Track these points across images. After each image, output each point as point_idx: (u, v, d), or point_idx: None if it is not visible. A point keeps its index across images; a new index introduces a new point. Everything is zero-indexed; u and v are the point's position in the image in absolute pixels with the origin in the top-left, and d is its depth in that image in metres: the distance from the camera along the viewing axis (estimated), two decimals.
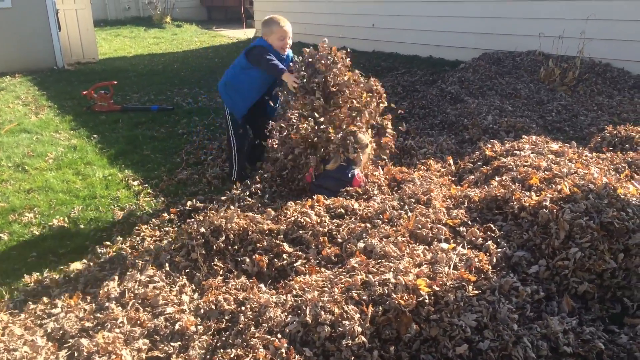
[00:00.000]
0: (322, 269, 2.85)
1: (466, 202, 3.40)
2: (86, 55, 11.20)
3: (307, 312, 2.32)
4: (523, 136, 4.68)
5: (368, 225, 3.19)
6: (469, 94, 6.69)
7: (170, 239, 3.47)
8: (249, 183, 4.08)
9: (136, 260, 3.09)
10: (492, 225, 3.07)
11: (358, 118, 3.88)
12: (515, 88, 6.75)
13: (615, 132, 4.63)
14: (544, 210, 2.96)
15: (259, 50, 4.17)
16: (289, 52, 4.38)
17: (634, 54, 6.86)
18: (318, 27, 12.20)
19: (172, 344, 2.38)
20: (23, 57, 9.91)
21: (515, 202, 3.15)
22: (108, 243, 3.58)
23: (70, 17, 10.79)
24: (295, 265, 2.95)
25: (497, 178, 3.66)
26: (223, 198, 3.96)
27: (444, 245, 2.83)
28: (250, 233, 3.18)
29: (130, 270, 2.98)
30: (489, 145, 4.48)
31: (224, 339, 2.38)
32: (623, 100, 6.25)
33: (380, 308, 2.33)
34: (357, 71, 4.00)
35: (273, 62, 4.04)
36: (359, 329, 2.23)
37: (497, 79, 7.09)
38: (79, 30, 11.03)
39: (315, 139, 3.79)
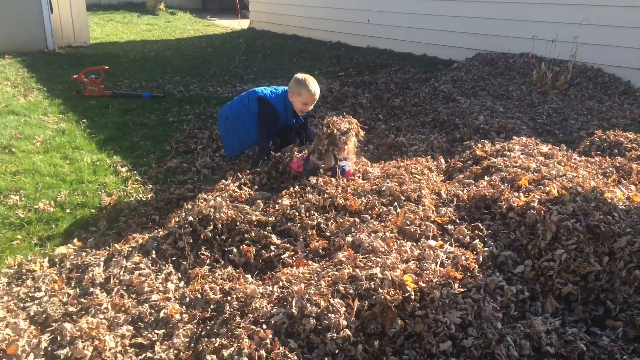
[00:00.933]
0: (310, 262, 2.85)
1: (455, 201, 3.42)
2: (78, 39, 11.07)
3: (293, 303, 2.32)
4: (513, 137, 4.70)
5: (357, 220, 3.20)
6: (462, 93, 6.72)
7: (157, 227, 3.44)
8: (239, 176, 4.06)
9: (122, 247, 3.07)
10: (479, 224, 3.08)
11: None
12: (507, 89, 6.78)
13: (604, 136, 4.67)
14: (532, 211, 2.98)
15: (266, 115, 4.04)
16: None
17: (625, 60, 6.93)
18: (313, 21, 12.17)
19: (156, 331, 2.36)
20: (13, 39, 9.77)
21: (503, 202, 3.17)
22: (94, 228, 3.55)
23: (62, 0, 10.65)
24: (282, 257, 2.95)
25: (486, 178, 3.68)
26: (212, 188, 3.94)
27: (432, 243, 2.84)
28: (238, 223, 3.17)
29: (116, 256, 2.96)
30: (480, 145, 4.50)
31: (208, 328, 2.37)
32: (613, 106, 6.30)
33: (366, 302, 2.34)
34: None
35: (264, 151, 4.01)
36: (344, 323, 2.24)
37: (490, 79, 7.12)
38: (71, 14, 10.89)
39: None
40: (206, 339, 2.26)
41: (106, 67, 7.31)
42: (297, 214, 3.26)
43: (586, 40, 6.90)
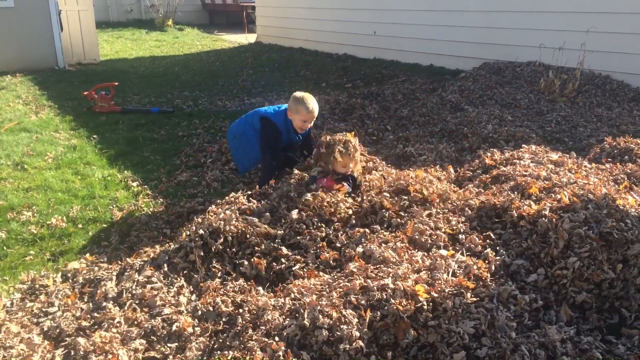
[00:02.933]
0: (321, 273, 2.84)
1: (465, 210, 3.40)
2: (87, 56, 11.22)
3: (305, 315, 2.31)
4: (523, 145, 4.69)
5: (367, 230, 3.19)
6: (469, 102, 6.72)
7: (168, 240, 3.46)
8: (246, 189, 4.07)
9: (134, 261, 3.08)
10: (491, 234, 3.07)
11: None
12: (515, 98, 6.78)
13: (614, 143, 4.64)
14: (544, 219, 2.96)
15: (268, 133, 4.08)
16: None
17: (633, 66, 6.91)
18: (319, 34, 12.25)
19: (169, 344, 2.37)
20: (24, 57, 9.92)
21: (514, 211, 3.15)
22: (106, 243, 3.57)
23: (72, 18, 10.82)
24: (293, 269, 2.95)
25: (496, 186, 3.67)
26: (222, 201, 3.96)
27: (443, 252, 2.83)
28: (248, 236, 3.17)
29: (128, 270, 2.97)
30: (489, 154, 4.49)
31: (221, 340, 2.37)
32: (622, 113, 6.28)
33: (379, 313, 2.33)
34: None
35: (267, 169, 4.09)
36: (357, 334, 2.23)
37: (497, 88, 7.12)
38: (81, 32, 11.06)
39: None
40: (219, 352, 2.26)
41: (116, 84, 7.40)
42: (305, 226, 3.26)
43: (593, 47, 6.89)
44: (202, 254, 3.06)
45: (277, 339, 2.25)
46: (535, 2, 7.90)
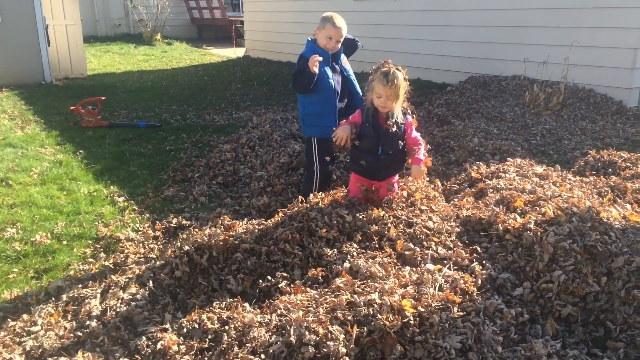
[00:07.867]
0: (308, 289, 2.83)
1: (452, 224, 3.41)
2: (75, 70, 11.18)
3: (292, 332, 2.30)
4: (508, 159, 4.73)
5: (354, 244, 3.18)
6: (456, 116, 6.77)
7: (154, 257, 3.43)
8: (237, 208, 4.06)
9: (119, 278, 3.05)
10: (477, 247, 3.08)
11: None
12: (500, 111, 6.84)
13: (598, 156, 4.70)
14: (528, 232, 2.98)
15: (299, 65, 3.93)
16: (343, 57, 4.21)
17: (616, 80, 7.00)
18: None
19: None
20: (11, 71, 9.86)
21: (500, 225, 3.17)
22: (91, 260, 3.53)
23: (59, 33, 10.79)
24: (280, 285, 2.93)
25: (482, 200, 3.69)
26: (209, 216, 3.94)
27: (430, 266, 2.83)
28: (234, 252, 3.15)
29: (112, 287, 2.94)
30: (475, 167, 4.52)
31: (206, 358, 2.34)
32: (606, 126, 6.36)
33: (365, 329, 2.32)
34: None
35: (299, 74, 3.85)
36: (344, 350, 2.22)
37: (483, 102, 7.18)
38: (69, 46, 11.03)
39: None
40: None
41: (103, 98, 7.37)
42: (289, 244, 3.23)
43: (577, 61, 6.99)
44: (187, 270, 3.03)
45: (263, 356, 2.23)
46: (520, 17, 8.01)
